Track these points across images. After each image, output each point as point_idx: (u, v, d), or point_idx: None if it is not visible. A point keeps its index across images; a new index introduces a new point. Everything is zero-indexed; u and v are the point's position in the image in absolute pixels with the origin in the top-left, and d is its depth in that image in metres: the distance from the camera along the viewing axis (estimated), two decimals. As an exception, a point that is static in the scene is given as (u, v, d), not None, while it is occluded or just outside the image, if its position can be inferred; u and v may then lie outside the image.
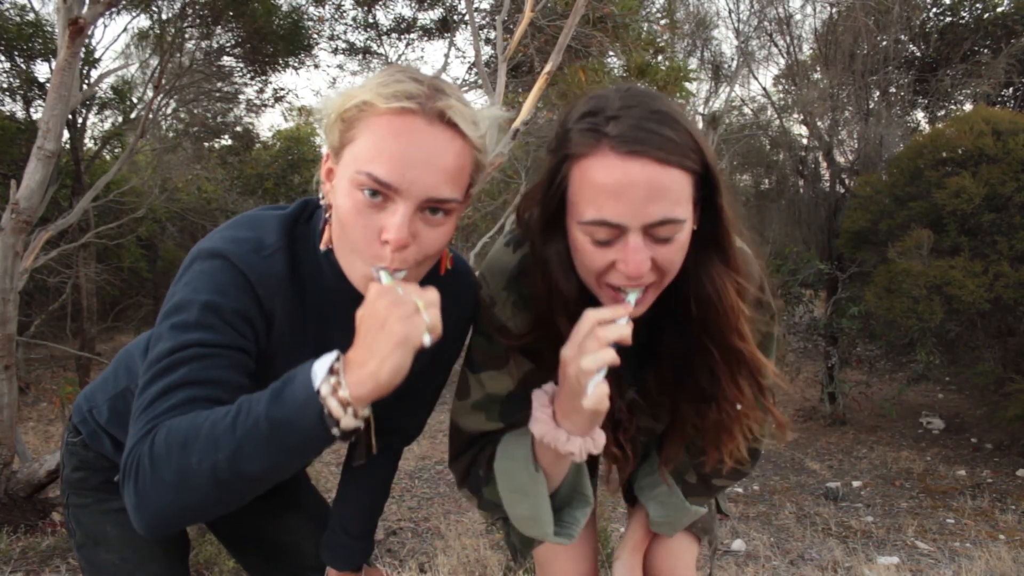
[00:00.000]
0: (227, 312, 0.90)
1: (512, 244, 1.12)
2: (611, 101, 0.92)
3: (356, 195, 0.87)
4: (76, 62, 4.12)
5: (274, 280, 0.96)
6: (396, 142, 0.85)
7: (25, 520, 4.12)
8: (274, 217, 1.02)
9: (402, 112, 0.86)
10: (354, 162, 0.87)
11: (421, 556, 4.30)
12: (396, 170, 0.85)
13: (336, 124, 0.91)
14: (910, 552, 5.00)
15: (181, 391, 0.84)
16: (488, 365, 1.12)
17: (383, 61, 9.42)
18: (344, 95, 0.91)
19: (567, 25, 4.95)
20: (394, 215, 0.86)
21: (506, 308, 1.09)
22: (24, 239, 4.14)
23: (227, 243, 0.95)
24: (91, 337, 10.01)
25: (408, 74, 0.90)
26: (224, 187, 13.15)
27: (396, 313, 0.77)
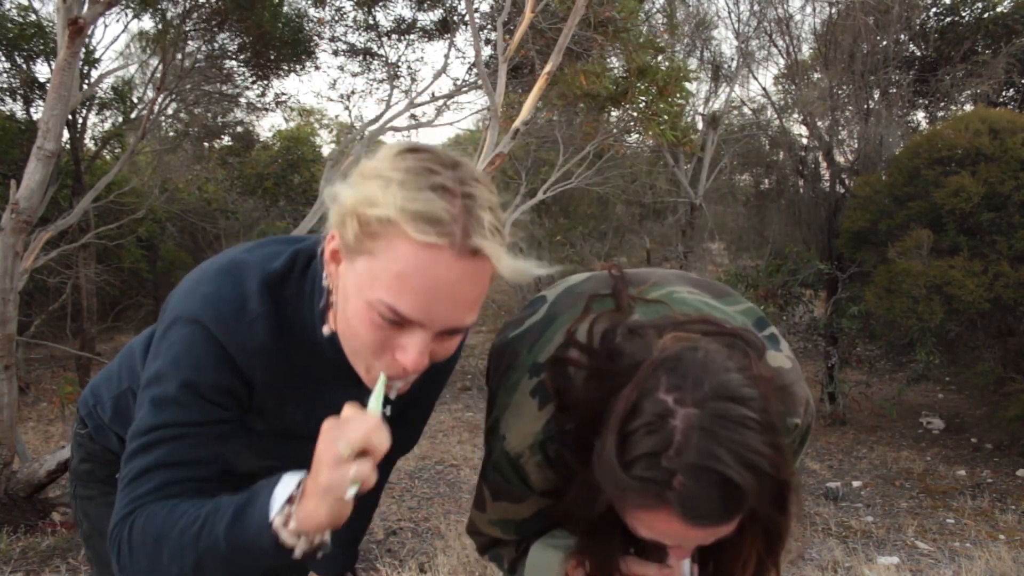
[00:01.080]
0: (205, 389, 0.90)
1: (539, 398, 1.03)
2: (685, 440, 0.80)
3: (372, 315, 0.81)
4: (76, 62, 4.12)
5: (255, 349, 0.92)
6: (423, 279, 0.78)
7: (25, 520, 4.12)
8: (260, 271, 0.94)
9: (431, 247, 0.77)
10: (372, 284, 0.80)
11: (421, 556, 4.30)
12: (421, 308, 0.80)
13: (351, 222, 0.82)
14: (910, 552, 5.00)
15: (159, 473, 0.88)
16: (503, 497, 1.10)
17: (383, 62, 9.42)
18: (362, 190, 0.81)
19: (567, 26, 4.95)
20: (412, 343, 0.82)
21: (530, 464, 1.04)
22: (24, 239, 4.14)
23: (207, 306, 0.91)
24: (91, 337, 10.02)
25: (435, 179, 0.80)
26: (224, 187, 13.15)
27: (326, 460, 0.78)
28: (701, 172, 11.36)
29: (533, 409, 1.02)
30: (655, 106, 6.96)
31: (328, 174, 7.07)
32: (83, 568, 3.58)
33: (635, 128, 7.80)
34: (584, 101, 7.08)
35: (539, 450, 1.02)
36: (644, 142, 9.45)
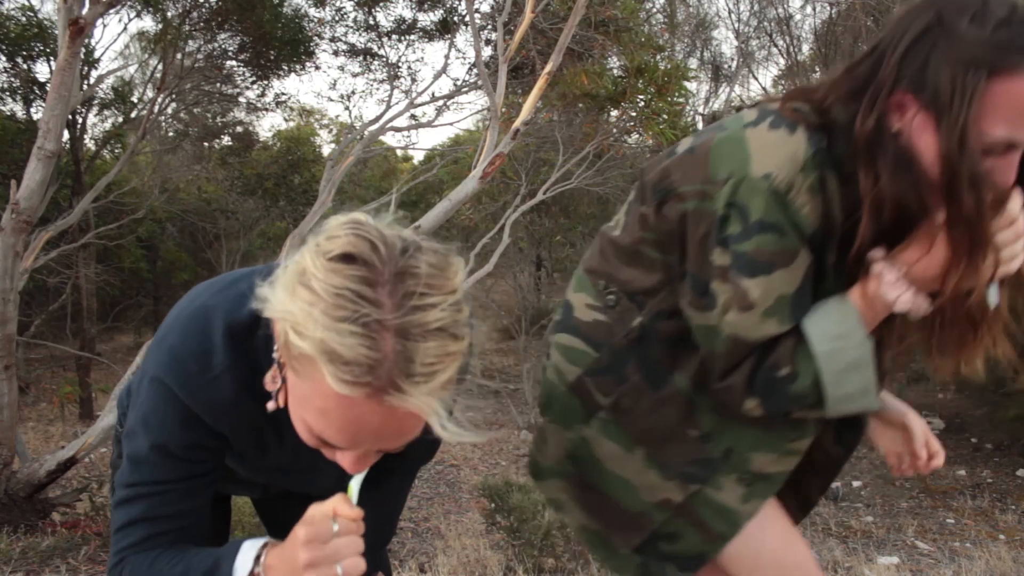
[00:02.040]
0: (174, 448, 0.91)
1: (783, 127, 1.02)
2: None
3: (304, 428, 0.79)
4: (76, 62, 4.12)
5: (220, 405, 0.91)
6: (343, 420, 0.73)
7: (25, 520, 4.12)
8: (225, 322, 0.90)
9: (351, 400, 0.71)
10: (301, 404, 0.77)
11: (421, 556, 4.30)
12: (345, 441, 0.76)
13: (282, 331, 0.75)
14: (910, 552, 5.00)
15: (140, 527, 0.93)
16: (778, 264, 1.02)
17: (383, 63, 9.42)
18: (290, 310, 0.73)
19: (567, 25, 4.96)
20: (346, 456, 0.80)
21: (802, 193, 1.00)
22: (24, 239, 4.14)
23: (172, 363, 0.90)
24: (91, 337, 10.02)
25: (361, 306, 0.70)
26: (224, 187, 13.15)
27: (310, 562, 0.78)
28: (701, 172, 11.34)
29: (785, 136, 1.01)
30: (654, 105, 6.96)
31: (328, 174, 7.07)
32: (83, 568, 3.59)
33: (634, 128, 7.80)
34: (584, 101, 7.08)
35: (811, 169, 0.99)
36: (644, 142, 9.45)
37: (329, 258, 0.73)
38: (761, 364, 1.06)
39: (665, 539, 1.18)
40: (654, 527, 1.19)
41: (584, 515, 1.24)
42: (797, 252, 1.03)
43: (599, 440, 1.20)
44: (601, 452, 1.20)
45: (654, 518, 1.19)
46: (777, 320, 1.05)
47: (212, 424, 0.92)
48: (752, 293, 1.03)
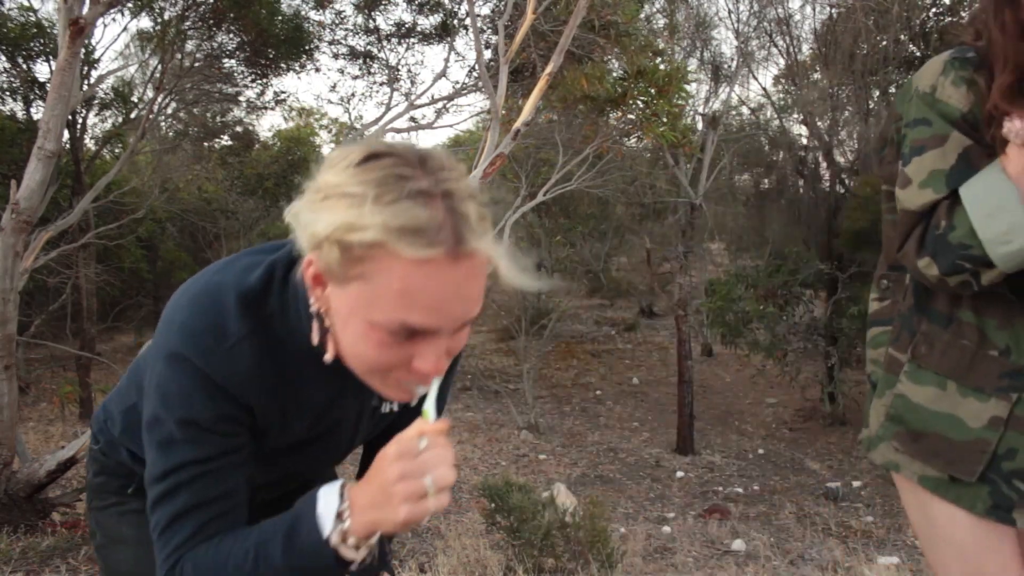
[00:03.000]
0: (205, 422, 0.88)
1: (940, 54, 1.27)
2: None
3: (380, 334, 0.79)
4: (76, 62, 4.12)
5: (242, 374, 0.89)
6: (428, 291, 0.76)
7: (25, 520, 4.13)
8: (236, 291, 0.90)
9: (427, 261, 0.75)
10: (372, 305, 0.78)
11: (421, 556, 4.30)
12: (433, 316, 0.78)
13: (331, 248, 0.77)
14: (910, 552, 5.00)
15: (190, 518, 0.87)
16: (928, 146, 1.24)
17: (383, 65, 9.43)
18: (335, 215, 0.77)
19: (568, 27, 4.96)
20: (428, 350, 0.81)
21: (946, 87, 1.23)
22: (24, 239, 4.15)
23: (185, 338, 0.87)
24: (91, 337, 10.02)
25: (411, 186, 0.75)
26: (224, 187, 13.16)
27: (404, 493, 0.79)
28: (701, 172, 11.36)
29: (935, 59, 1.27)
30: (654, 107, 6.96)
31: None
32: (83, 568, 3.59)
33: (634, 130, 7.81)
34: (584, 103, 7.09)
35: (951, 68, 1.23)
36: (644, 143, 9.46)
37: (355, 164, 0.78)
38: (927, 226, 1.25)
39: (1005, 457, 1.26)
40: (992, 449, 1.27)
41: (921, 464, 1.34)
42: (947, 135, 1.23)
43: (913, 389, 1.34)
44: (919, 399, 1.34)
45: (988, 440, 1.27)
46: (932, 189, 1.24)
47: (238, 395, 0.89)
48: (910, 171, 1.26)
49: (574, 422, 11.25)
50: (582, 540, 3.65)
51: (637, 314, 18.71)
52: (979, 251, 1.17)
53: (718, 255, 17.00)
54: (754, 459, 10.08)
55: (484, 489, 3.91)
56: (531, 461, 9.20)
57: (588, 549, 3.60)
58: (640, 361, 15.56)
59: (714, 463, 9.93)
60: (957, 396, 1.30)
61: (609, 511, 4.45)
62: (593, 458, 9.91)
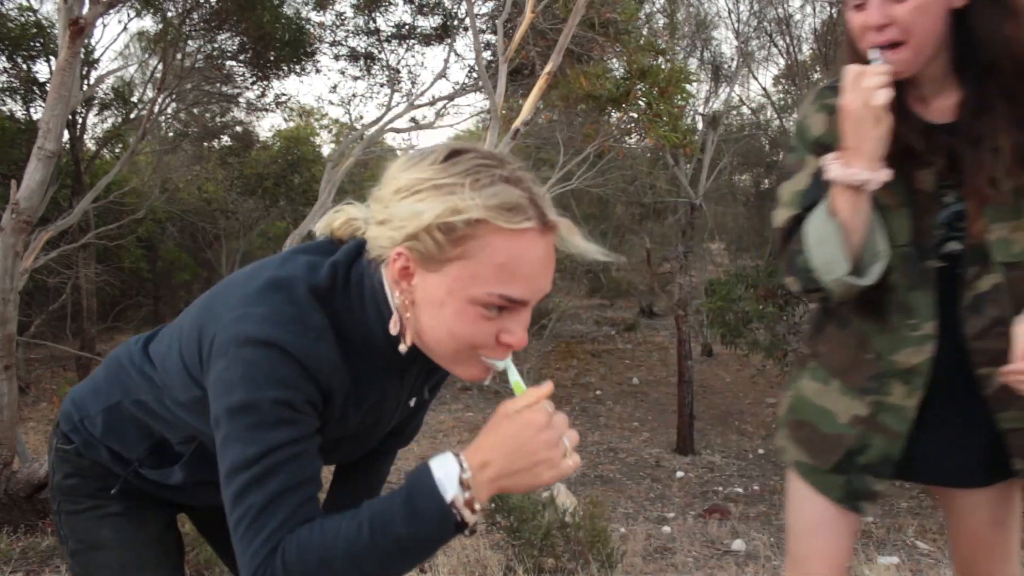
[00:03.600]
0: (299, 404, 0.90)
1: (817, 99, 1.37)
2: None
3: (478, 310, 0.88)
4: (76, 62, 4.12)
5: (327, 364, 0.93)
6: (525, 263, 0.88)
7: (25, 520, 4.12)
8: (306, 287, 0.94)
9: (523, 232, 0.87)
10: (474, 281, 0.86)
11: (421, 556, 4.29)
12: (529, 288, 0.88)
13: (430, 235, 0.86)
14: (910, 552, 5.00)
15: (286, 499, 0.87)
16: (795, 170, 1.35)
17: (383, 66, 9.43)
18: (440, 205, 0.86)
19: (567, 26, 4.96)
20: (518, 322, 0.91)
21: (811, 116, 1.34)
22: (24, 239, 4.14)
23: (274, 327, 0.89)
24: (91, 337, 10.03)
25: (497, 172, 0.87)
26: (224, 187, 13.16)
27: (548, 458, 0.85)
28: (701, 172, 11.36)
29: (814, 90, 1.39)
30: (656, 107, 6.96)
31: (328, 175, 7.07)
32: (83, 568, 3.58)
33: (636, 130, 7.80)
34: (585, 102, 7.08)
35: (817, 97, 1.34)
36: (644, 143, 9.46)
37: (442, 161, 0.89)
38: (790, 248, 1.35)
39: (859, 452, 1.38)
40: (849, 444, 1.39)
41: (796, 449, 1.47)
42: (806, 160, 1.33)
43: (808, 384, 1.46)
44: (808, 392, 1.45)
45: (848, 435, 1.39)
46: (792, 207, 1.35)
47: (321, 382, 0.92)
48: (780, 195, 1.38)
49: (574, 422, 11.22)
50: (582, 540, 3.65)
51: (637, 314, 18.71)
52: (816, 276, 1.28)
53: (718, 255, 16.99)
54: (754, 459, 10.08)
55: (484, 489, 3.89)
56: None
57: (588, 549, 3.60)
58: (640, 361, 15.56)
59: (714, 463, 9.93)
60: (837, 393, 1.42)
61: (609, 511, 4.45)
62: (593, 458, 9.91)
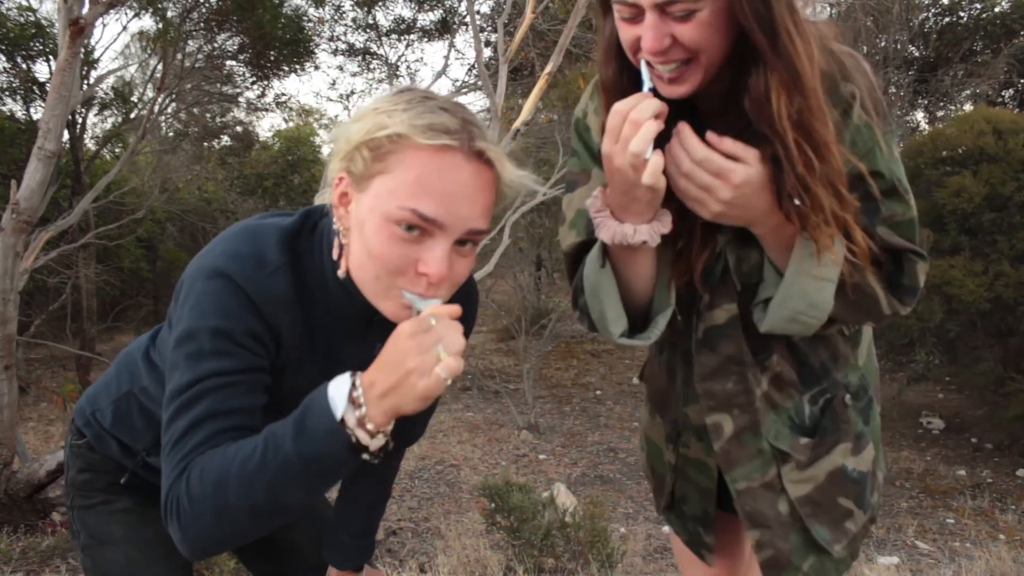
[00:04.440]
0: (238, 335, 0.91)
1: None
2: None
3: (392, 228, 0.86)
4: (76, 62, 4.12)
5: (277, 300, 0.94)
6: (440, 179, 0.85)
7: (25, 520, 4.12)
8: (275, 230, 0.98)
9: (444, 149, 0.85)
10: (391, 196, 0.86)
11: (421, 556, 4.30)
12: (442, 206, 0.85)
13: (359, 151, 0.88)
14: (910, 552, 5.00)
15: (206, 425, 0.87)
16: (578, 182, 1.15)
17: (382, 62, 9.42)
18: (368, 123, 0.88)
19: (567, 27, 4.96)
20: (434, 249, 0.86)
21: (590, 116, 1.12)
22: (24, 239, 4.14)
23: (228, 260, 0.93)
24: (91, 337, 10.02)
25: (435, 103, 0.89)
26: (224, 187, 13.15)
27: (418, 365, 0.80)
28: (701, 172, 11.33)
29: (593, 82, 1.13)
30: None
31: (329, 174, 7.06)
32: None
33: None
34: (584, 102, 7.08)
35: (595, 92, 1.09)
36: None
37: (392, 93, 0.91)
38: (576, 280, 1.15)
39: (682, 501, 1.24)
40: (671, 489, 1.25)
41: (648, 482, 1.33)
42: (590, 171, 1.11)
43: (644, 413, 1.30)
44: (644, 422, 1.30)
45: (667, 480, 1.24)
46: (576, 232, 1.13)
47: (270, 318, 0.94)
48: (564, 208, 1.15)
49: (574, 422, 11.25)
50: (582, 540, 3.65)
51: (637, 314, 18.69)
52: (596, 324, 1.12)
53: (718, 255, 16.96)
54: (754, 459, 10.05)
55: (484, 489, 3.91)
56: (531, 461, 9.20)
57: (588, 549, 3.60)
58: (640, 361, 15.53)
59: (714, 463, 9.92)
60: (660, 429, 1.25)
61: (609, 511, 4.45)
62: (593, 458, 9.90)
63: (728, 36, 0.92)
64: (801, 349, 1.09)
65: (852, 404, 1.12)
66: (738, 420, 1.08)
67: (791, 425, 1.09)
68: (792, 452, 1.08)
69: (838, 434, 1.11)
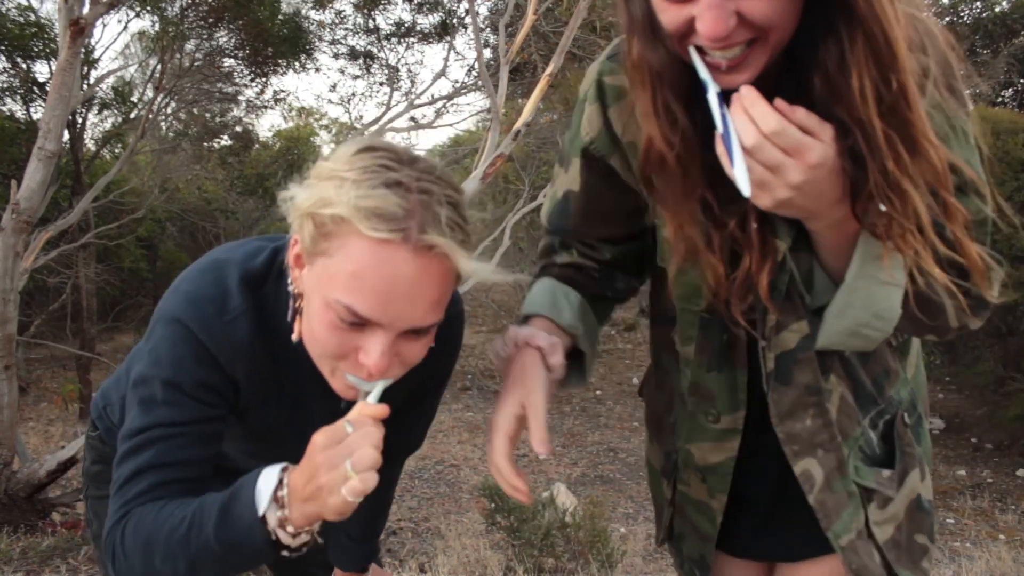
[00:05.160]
0: (189, 387, 0.90)
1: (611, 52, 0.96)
2: None
3: (331, 316, 0.80)
4: (77, 62, 4.12)
5: (236, 347, 0.92)
6: (380, 277, 0.76)
7: (25, 520, 4.12)
8: (240, 272, 0.93)
9: (386, 243, 0.76)
10: (329, 283, 0.79)
11: (421, 556, 4.30)
12: (378, 307, 0.78)
13: (307, 224, 0.80)
14: (910, 552, 4.99)
15: (149, 475, 0.88)
16: (562, 162, 1.03)
17: (383, 64, 9.43)
18: (317, 192, 0.80)
19: (568, 28, 4.97)
20: (373, 344, 0.80)
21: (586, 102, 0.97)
22: (24, 239, 4.14)
23: (188, 305, 0.91)
24: (91, 337, 10.01)
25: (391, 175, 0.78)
26: (224, 187, 13.16)
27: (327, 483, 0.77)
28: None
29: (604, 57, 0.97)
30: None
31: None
32: (83, 568, 3.59)
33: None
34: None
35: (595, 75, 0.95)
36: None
37: (352, 153, 0.81)
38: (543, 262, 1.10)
39: (679, 539, 1.13)
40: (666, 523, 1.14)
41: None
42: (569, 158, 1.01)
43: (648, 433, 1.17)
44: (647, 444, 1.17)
45: (665, 514, 1.14)
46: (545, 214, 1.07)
47: (227, 366, 0.92)
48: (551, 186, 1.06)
49: (574, 422, 11.25)
50: (582, 540, 3.65)
51: (637, 314, 18.70)
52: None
53: (718, 255, 16.96)
54: (754, 459, 10.05)
55: (484, 489, 3.91)
56: (531, 461, 9.21)
57: (588, 549, 3.60)
58: (640, 361, 15.56)
59: (714, 463, 9.91)
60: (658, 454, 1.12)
61: (609, 511, 4.45)
62: (593, 458, 9.90)
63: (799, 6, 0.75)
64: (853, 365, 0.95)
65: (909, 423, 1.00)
66: (824, 462, 0.92)
67: (862, 457, 0.96)
68: (879, 488, 0.95)
69: (906, 460, 0.99)
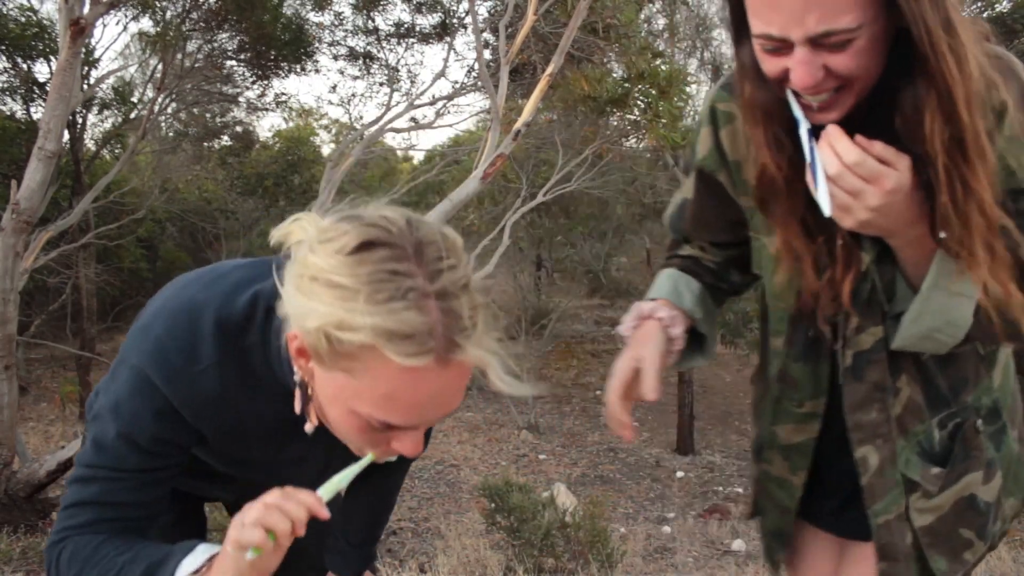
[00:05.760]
0: (143, 441, 0.89)
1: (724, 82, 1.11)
2: None
3: (360, 422, 0.79)
4: (77, 62, 4.12)
5: (203, 400, 0.89)
6: (410, 397, 0.76)
7: (25, 520, 4.13)
8: (216, 315, 0.88)
9: (415, 368, 0.73)
10: (356, 398, 0.77)
11: (421, 556, 4.30)
12: (414, 415, 0.78)
13: (319, 338, 0.74)
14: (910, 552, 4.99)
15: (90, 509, 0.90)
16: (686, 172, 1.18)
17: (383, 65, 9.44)
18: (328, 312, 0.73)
19: (568, 29, 4.97)
20: (407, 438, 0.81)
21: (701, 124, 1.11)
22: (24, 239, 4.15)
23: (154, 355, 0.87)
24: (91, 337, 10.02)
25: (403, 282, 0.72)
26: (224, 187, 13.17)
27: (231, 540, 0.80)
28: (701, 172, 11.34)
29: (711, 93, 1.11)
30: (656, 107, 6.97)
31: (328, 175, 7.08)
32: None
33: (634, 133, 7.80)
34: (585, 104, 7.09)
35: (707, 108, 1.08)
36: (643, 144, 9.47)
37: (347, 252, 0.73)
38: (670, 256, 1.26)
39: (762, 515, 1.23)
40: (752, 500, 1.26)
41: None
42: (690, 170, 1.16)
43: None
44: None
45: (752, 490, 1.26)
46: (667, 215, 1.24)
47: (190, 419, 0.90)
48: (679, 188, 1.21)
49: (574, 422, 11.26)
50: (582, 540, 3.65)
51: (637, 314, 18.69)
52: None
53: (718, 255, 16.98)
54: (754, 459, 10.07)
55: (484, 489, 3.91)
56: (531, 461, 9.21)
57: (588, 549, 3.61)
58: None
59: (714, 463, 9.93)
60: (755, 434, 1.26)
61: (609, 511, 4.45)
62: (593, 458, 9.91)
63: (883, 57, 0.88)
64: (929, 368, 1.06)
65: (984, 429, 1.08)
66: (881, 451, 1.06)
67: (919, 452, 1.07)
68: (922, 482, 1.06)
69: (968, 462, 1.07)
